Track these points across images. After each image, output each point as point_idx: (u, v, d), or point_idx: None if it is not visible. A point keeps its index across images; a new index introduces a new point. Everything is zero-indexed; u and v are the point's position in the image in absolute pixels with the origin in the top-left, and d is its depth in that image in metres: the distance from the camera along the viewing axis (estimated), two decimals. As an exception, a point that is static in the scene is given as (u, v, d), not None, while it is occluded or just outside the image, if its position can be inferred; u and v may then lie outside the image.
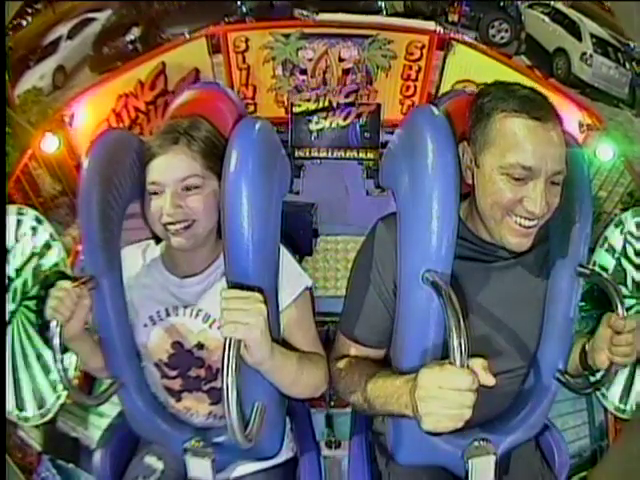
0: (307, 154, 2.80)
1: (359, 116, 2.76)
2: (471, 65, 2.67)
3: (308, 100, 2.78)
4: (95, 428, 2.10)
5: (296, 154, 2.77)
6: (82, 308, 0.93)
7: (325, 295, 2.57)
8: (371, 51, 2.71)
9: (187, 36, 2.61)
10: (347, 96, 2.79)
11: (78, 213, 0.97)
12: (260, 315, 0.81)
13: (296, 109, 2.77)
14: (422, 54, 2.70)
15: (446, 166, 0.87)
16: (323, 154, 2.80)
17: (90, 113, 2.50)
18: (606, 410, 2.25)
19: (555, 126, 0.87)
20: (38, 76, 2.61)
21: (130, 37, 2.67)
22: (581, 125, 2.48)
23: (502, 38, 2.76)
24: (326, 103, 2.78)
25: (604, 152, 2.39)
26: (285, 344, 0.99)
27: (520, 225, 0.89)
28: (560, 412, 0.97)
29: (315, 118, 2.79)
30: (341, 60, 2.74)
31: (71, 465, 2.14)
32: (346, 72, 2.76)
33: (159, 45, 2.65)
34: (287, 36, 2.68)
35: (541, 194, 0.86)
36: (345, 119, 2.78)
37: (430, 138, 0.88)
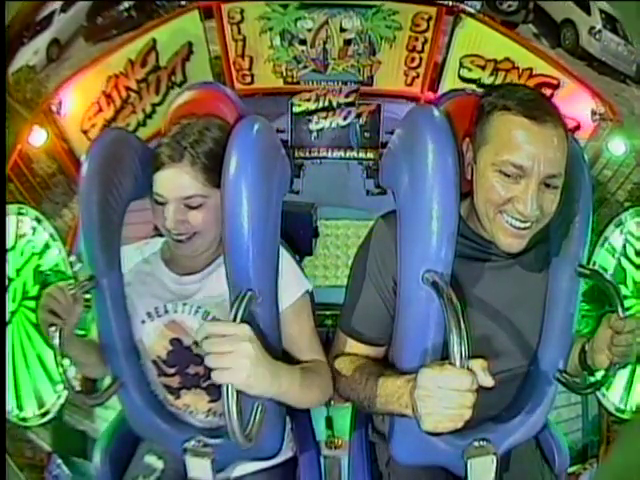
0: (307, 154, 2.79)
1: (359, 116, 2.76)
2: (480, 39, 2.62)
3: (308, 100, 2.77)
4: (101, 420, 2.10)
5: (296, 154, 2.77)
6: (74, 315, 0.93)
7: (325, 285, 2.53)
8: (375, 22, 2.64)
9: (182, 2, 2.56)
10: (347, 96, 2.78)
11: (79, 214, 0.97)
12: (245, 358, 0.76)
13: (296, 109, 2.76)
14: (429, 26, 2.62)
15: (446, 166, 0.87)
16: (323, 154, 2.80)
17: (79, 98, 2.48)
18: (600, 404, 2.25)
19: (555, 128, 0.86)
20: (32, 52, 2.59)
21: (124, 5, 2.64)
22: (594, 113, 2.45)
23: (509, 6, 2.71)
24: (326, 103, 2.78)
25: (616, 146, 2.38)
26: (285, 353, 0.99)
27: (511, 225, 0.89)
28: (555, 404, 0.98)
29: (315, 118, 2.78)
30: (342, 30, 2.67)
31: (81, 459, 2.15)
32: (348, 42, 2.69)
33: (154, 12, 2.60)
34: (285, 6, 2.62)
35: (532, 195, 0.85)
36: (345, 119, 2.78)
37: (430, 138, 0.88)
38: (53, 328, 0.89)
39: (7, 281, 2.16)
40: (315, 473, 1.15)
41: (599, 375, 0.98)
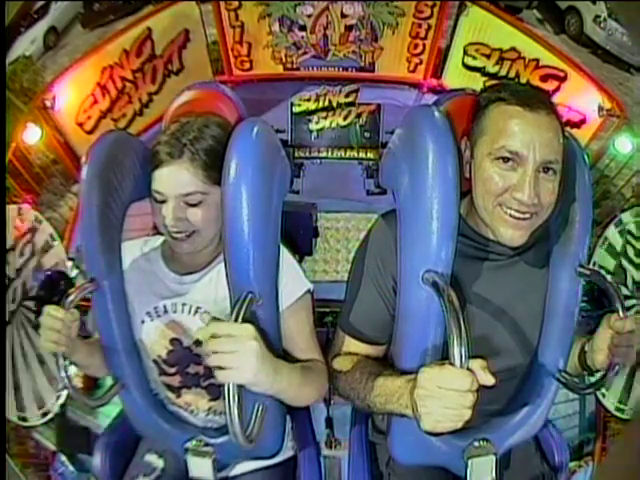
0: (307, 154, 2.79)
1: (359, 116, 2.76)
2: (485, 28, 2.60)
3: (308, 100, 2.77)
4: (103, 416, 2.10)
5: (296, 154, 2.76)
6: (74, 330, 0.94)
7: (325, 280, 2.52)
8: (377, 8, 2.61)
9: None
10: (347, 96, 2.78)
11: (79, 217, 0.97)
12: (252, 356, 0.77)
13: (296, 109, 2.76)
14: (433, 12, 2.60)
15: (446, 167, 0.87)
16: (323, 154, 2.79)
17: (73, 91, 2.47)
18: (600, 404, 2.25)
19: (549, 115, 0.88)
20: (29, 41, 2.59)
21: (121, -10, 2.64)
22: (601, 109, 2.44)
23: (514, -9, 2.70)
24: (326, 103, 2.78)
25: (623, 144, 2.38)
26: (284, 352, 0.99)
27: (510, 216, 0.89)
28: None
29: (315, 118, 2.78)
30: (344, 16, 2.64)
31: (85, 456, 2.15)
32: (349, 28, 2.66)
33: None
34: None
35: (529, 182, 0.86)
36: (345, 119, 2.78)
37: (430, 138, 0.88)
38: (62, 361, 0.93)
39: (7, 281, 2.16)
40: (315, 473, 1.15)
41: (599, 375, 0.98)
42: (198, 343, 1.04)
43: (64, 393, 2.17)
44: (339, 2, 2.62)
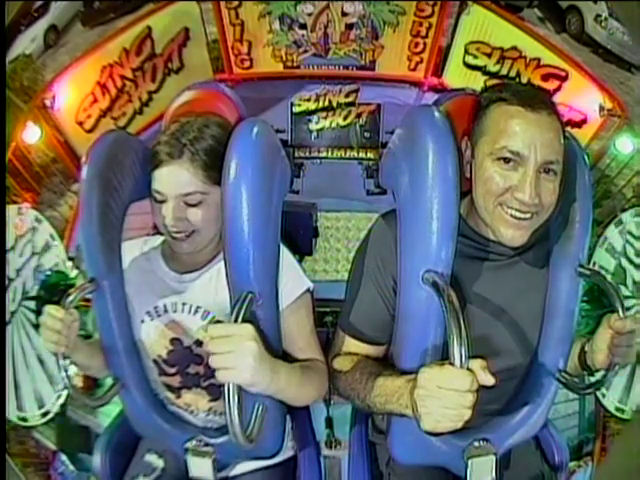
0: (307, 154, 2.79)
1: (359, 116, 2.76)
2: (486, 27, 2.60)
3: (308, 100, 2.76)
4: (103, 415, 2.11)
5: (296, 154, 2.76)
6: (74, 330, 0.94)
7: (325, 279, 2.52)
8: (377, 6, 2.62)
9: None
10: (347, 96, 2.78)
11: (79, 217, 0.97)
12: (249, 356, 0.78)
13: (296, 109, 2.76)
14: (434, 11, 2.60)
15: (446, 167, 0.87)
16: (323, 154, 2.79)
17: (73, 90, 2.47)
18: (600, 404, 2.25)
19: (550, 116, 0.88)
20: (29, 39, 2.59)
21: (121, -12, 2.64)
22: (602, 109, 2.44)
23: (515, -10, 2.70)
24: (326, 103, 2.78)
25: (623, 144, 2.38)
26: (284, 351, 0.99)
27: (511, 216, 0.89)
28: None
29: (315, 118, 2.78)
30: (344, 15, 2.65)
31: (85, 455, 2.16)
32: (349, 27, 2.67)
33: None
34: None
35: (530, 182, 0.86)
36: (345, 119, 2.78)
37: (430, 138, 0.88)
38: (62, 361, 0.92)
39: (7, 281, 2.16)
40: (315, 473, 1.15)
41: (599, 375, 0.98)
42: (198, 343, 1.04)
43: (64, 393, 2.17)
44: (340, 0, 2.62)
